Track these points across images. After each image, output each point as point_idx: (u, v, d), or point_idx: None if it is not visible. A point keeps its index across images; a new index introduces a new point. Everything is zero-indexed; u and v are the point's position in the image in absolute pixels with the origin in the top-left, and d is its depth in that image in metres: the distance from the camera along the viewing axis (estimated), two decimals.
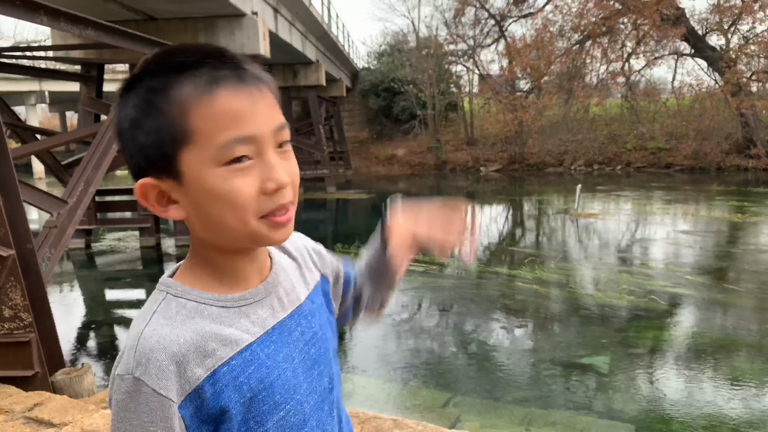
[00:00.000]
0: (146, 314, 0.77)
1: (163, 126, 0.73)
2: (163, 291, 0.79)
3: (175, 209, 0.78)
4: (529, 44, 28.34)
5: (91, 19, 6.49)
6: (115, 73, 30.88)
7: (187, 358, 0.73)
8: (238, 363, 0.77)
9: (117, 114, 0.78)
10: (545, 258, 9.85)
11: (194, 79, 0.73)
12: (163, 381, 0.72)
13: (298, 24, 17.34)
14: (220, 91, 0.73)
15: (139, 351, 0.73)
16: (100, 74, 11.95)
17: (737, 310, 6.92)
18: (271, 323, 0.83)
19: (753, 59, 26.14)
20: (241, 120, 0.73)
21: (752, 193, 18.28)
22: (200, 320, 0.77)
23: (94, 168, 6.21)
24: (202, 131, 0.72)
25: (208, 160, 0.73)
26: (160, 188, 0.76)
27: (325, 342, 0.92)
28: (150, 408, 0.71)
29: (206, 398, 0.74)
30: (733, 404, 4.55)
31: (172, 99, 0.73)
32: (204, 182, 0.74)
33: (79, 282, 9.97)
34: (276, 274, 0.88)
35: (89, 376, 4.28)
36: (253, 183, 0.74)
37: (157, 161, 0.75)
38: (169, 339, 0.74)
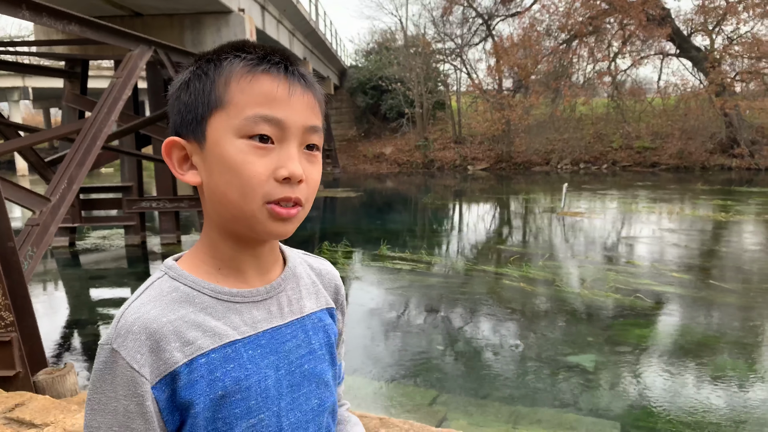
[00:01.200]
0: (140, 290, 0.79)
1: (205, 89, 0.78)
2: (162, 271, 0.81)
3: (192, 174, 0.81)
4: (516, 43, 28.46)
5: (75, 14, 6.40)
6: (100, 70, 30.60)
7: (166, 340, 0.73)
8: (218, 357, 0.76)
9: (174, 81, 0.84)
10: (532, 256, 9.89)
11: (245, 60, 0.78)
12: (138, 356, 0.72)
13: (286, 21, 17.26)
14: (263, 75, 0.77)
15: (121, 323, 0.74)
16: (85, 70, 11.82)
17: (721, 308, 7.00)
18: (263, 326, 0.81)
19: (737, 60, 26.46)
20: (274, 103, 0.77)
21: (736, 192, 18.49)
22: (189, 306, 0.77)
23: (78, 165, 6.12)
24: (236, 101, 0.76)
25: (233, 128, 0.76)
26: (185, 150, 0.80)
27: (322, 363, 0.88)
28: (124, 381, 0.72)
29: (180, 385, 0.74)
30: (717, 401, 4.59)
31: (220, 69, 0.78)
32: (222, 148, 0.76)
33: (63, 280, 9.85)
34: (284, 280, 0.87)
35: (72, 376, 4.23)
36: (267, 165, 0.76)
37: (190, 120, 0.79)
38: (152, 317, 0.74)
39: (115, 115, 6.65)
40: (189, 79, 0.80)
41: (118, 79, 6.93)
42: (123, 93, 6.79)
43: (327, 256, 9.64)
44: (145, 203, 11.77)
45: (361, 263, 9.91)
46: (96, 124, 6.43)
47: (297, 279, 0.89)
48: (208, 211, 0.82)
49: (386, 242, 10.76)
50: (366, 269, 9.47)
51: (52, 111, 47.30)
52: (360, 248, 11.12)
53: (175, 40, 10.91)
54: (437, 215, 16.27)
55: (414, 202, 19.53)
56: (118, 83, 6.85)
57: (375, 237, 11.80)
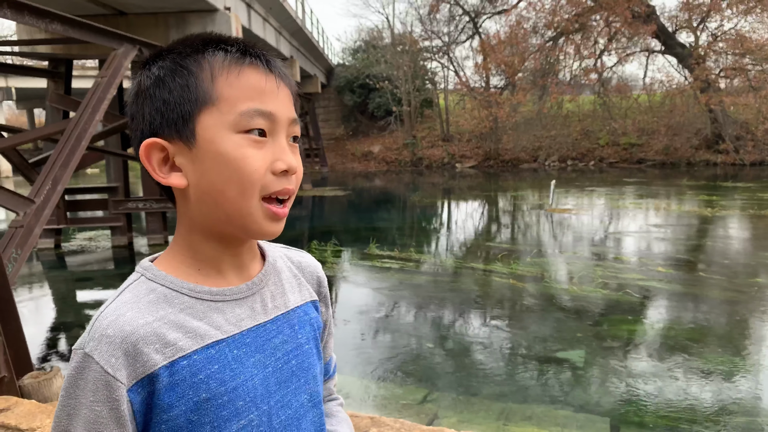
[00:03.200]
0: (115, 294, 0.76)
1: (189, 84, 0.74)
2: (138, 273, 0.78)
3: (177, 176, 0.76)
4: (503, 41, 28.53)
5: (58, 13, 6.32)
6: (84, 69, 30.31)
7: (144, 342, 0.71)
8: (201, 359, 0.73)
9: (137, 78, 0.78)
10: (521, 253, 9.92)
11: (227, 52, 0.76)
12: (112, 359, 0.70)
13: (272, 19, 17.18)
14: (249, 68, 0.76)
15: (95, 327, 0.72)
16: (69, 70, 11.70)
17: (708, 302, 7.06)
18: (247, 324, 0.79)
19: (721, 56, 26.72)
20: (265, 96, 0.76)
21: (721, 187, 18.67)
22: (167, 307, 0.74)
23: (63, 166, 6.05)
24: (227, 97, 0.74)
25: (227, 125, 0.74)
26: (167, 151, 0.76)
27: (310, 357, 0.86)
28: (96, 386, 0.69)
29: (159, 387, 0.71)
30: (706, 394, 4.63)
31: (202, 63, 0.75)
32: (218, 146, 0.74)
33: (49, 283, 9.74)
34: (265, 276, 0.84)
35: (58, 379, 4.17)
36: (265, 158, 0.75)
37: (175, 119, 0.74)
38: (127, 319, 0.72)
39: (99, 115, 6.58)
40: (163, 75, 0.75)
41: (103, 78, 6.86)
42: (108, 93, 6.72)
43: (316, 255, 9.60)
44: (131, 204, 11.66)
45: (350, 262, 9.89)
46: (80, 124, 6.36)
47: (278, 273, 0.87)
48: (192, 213, 0.78)
49: (375, 241, 10.74)
50: (355, 268, 9.45)
51: (36, 111, 46.80)
52: (349, 247, 11.10)
53: (160, 39, 10.81)
54: (426, 213, 16.28)
55: (402, 200, 19.53)
56: (102, 83, 6.78)
57: (364, 236, 11.78)
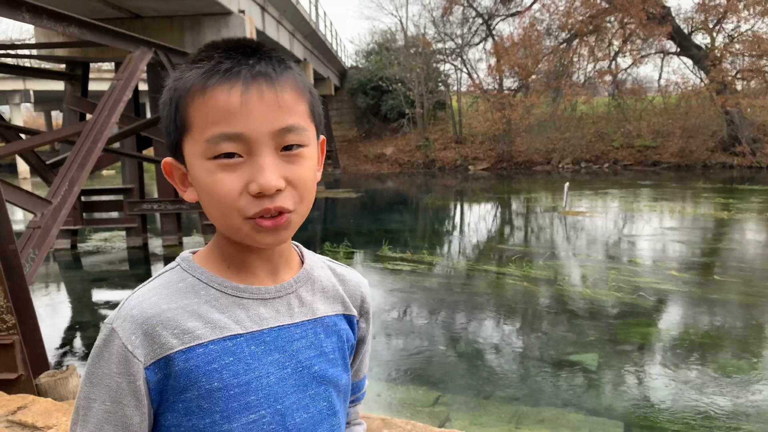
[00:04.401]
0: (151, 278, 0.82)
1: (171, 114, 0.78)
2: (176, 262, 0.84)
3: (191, 191, 0.81)
4: (516, 43, 28.44)
5: (75, 16, 6.41)
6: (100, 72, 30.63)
7: (162, 325, 0.75)
8: (216, 349, 0.76)
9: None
10: (534, 255, 9.88)
11: (198, 71, 0.75)
12: (133, 337, 0.74)
13: (286, 22, 17.27)
14: (215, 86, 0.73)
15: (124, 306, 0.77)
16: (85, 73, 11.83)
17: (724, 306, 6.98)
18: (269, 324, 0.81)
19: (738, 57, 26.42)
20: (232, 117, 0.72)
21: (737, 190, 18.45)
22: (193, 297, 0.78)
23: (79, 167, 6.12)
24: (197, 124, 0.75)
25: (199, 151, 0.75)
26: (181, 169, 0.81)
27: (335, 367, 0.87)
28: (118, 359, 0.74)
29: (174, 371, 0.75)
30: (720, 399, 4.58)
31: (181, 88, 0.76)
32: (194, 172, 0.77)
33: (65, 283, 9.86)
34: (296, 282, 0.86)
35: (74, 378, 4.23)
36: (237, 181, 0.74)
37: (170, 145, 0.80)
38: (151, 303, 0.76)
39: (115, 117, 6.65)
40: (162, 100, 0.80)
41: (119, 81, 6.94)
42: (123, 95, 6.79)
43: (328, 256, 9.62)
44: (146, 205, 11.77)
45: (363, 264, 9.91)
46: (97, 126, 6.43)
47: (312, 282, 0.88)
48: None
49: (387, 243, 10.75)
50: (367, 270, 9.46)
51: (53, 113, 47.35)
52: (361, 249, 11.11)
53: (175, 42, 10.91)
54: (438, 215, 16.26)
55: (415, 202, 19.52)
56: (118, 85, 6.86)
57: (376, 237, 11.80)
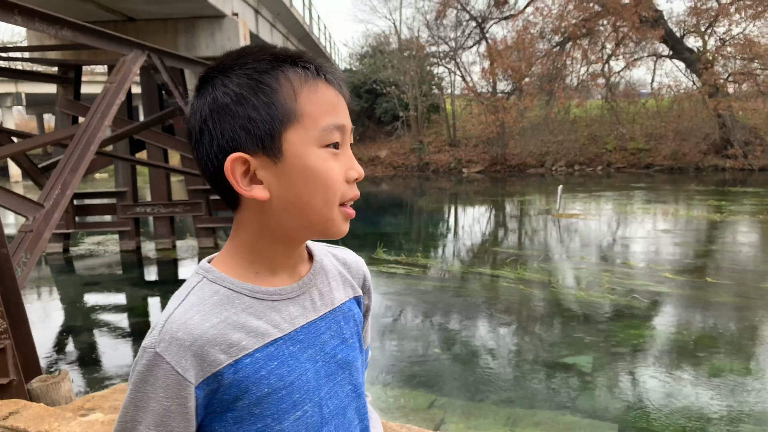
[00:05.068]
0: (181, 295, 0.80)
1: (274, 102, 0.78)
2: (200, 275, 0.82)
3: (259, 189, 0.79)
4: (510, 46, 28.50)
5: (68, 19, 6.38)
6: (93, 75, 30.50)
7: (210, 344, 0.76)
8: (262, 356, 0.79)
9: (210, 93, 0.79)
10: (528, 258, 9.90)
11: (304, 68, 0.80)
12: (183, 361, 0.74)
13: (280, 25, 17.26)
14: (322, 83, 0.81)
15: (165, 328, 0.76)
16: (78, 76, 11.79)
17: (717, 308, 7.01)
18: (300, 322, 0.84)
19: (729, 61, 26.58)
20: (337, 110, 0.81)
21: (730, 192, 18.55)
22: (231, 308, 0.79)
23: (72, 171, 6.09)
24: (309, 113, 0.79)
25: (312, 140, 0.79)
26: (249, 165, 0.79)
27: (353, 351, 0.92)
28: (167, 383, 0.74)
29: (224, 384, 0.77)
30: (714, 401, 4.59)
31: (282, 81, 0.79)
32: (306, 160, 0.78)
33: (57, 287, 9.80)
34: (313, 275, 0.90)
35: (66, 383, 4.19)
36: (341, 169, 0.81)
37: (262, 136, 0.78)
38: (195, 323, 0.76)
39: (108, 120, 6.62)
40: (245, 93, 0.78)
41: (112, 84, 6.91)
42: (117, 98, 6.76)
43: None
44: (139, 209, 11.72)
45: None
46: (90, 129, 6.40)
47: (325, 272, 0.93)
48: (269, 222, 0.81)
49: (382, 245, 10.74)
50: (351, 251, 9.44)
51: (46, 117, 47.11)
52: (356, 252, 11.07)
53: (168, 45, 10.88)
54: (433, 218, 16.27)
55: (409, 205, 19.52)
56: (111, 88, 6.83)
57: (371, 240, 11.79)
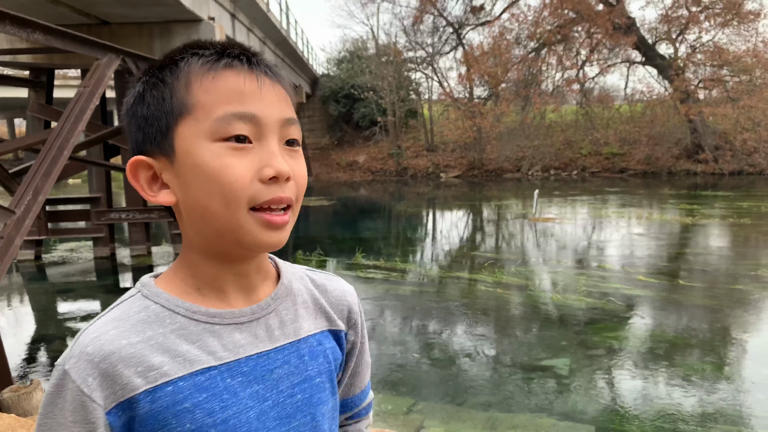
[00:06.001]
0: (108, 308, 0.73)
1: (164, 96, 0.71)
2: (136, 288, 0.75)
3: (165, 194, 0.73)
4: (486, 52, 28.83)
5: (40, 22, 6.27)
6: (66, 79, 30.07)
7: (124, 363, 0.67)
8: (187, 386, 0.68)
9: (126, 96, 0.76)
10: (505, 262, 9.97)
11: (203, 57, 0.71)
12: (89, 379, 0.66)
13: (257, 30, 17.19)
14: (226, 70, 0.71)
15: (77, 343, 0.69)
16: (50, 80, 11.60)
17: (690, 310, 7.14)
18: (247, 352, 0.73)
19: (700, 67, 27.21)
20: (245, 98, 0.70)
21: (701, 196, 18.93)
22: (158, 328, 0.70)
23: (44, 176, 5.98)
24: (202, 103, 0.70)
25: (204, 133, 0.69)
26: (153, 169, 0.73)
27: (320, 392, 0.79)
28: (74, 406, 0.66)
29: (141, 414, 0.67)
30: (688, 401, 4.67)
31: (178, 73, 0.71)
32: (195, 157, 0.69)
33: (29, 295, 9.60)
34: (275, 300, 0.78)
35: (38, 393, 4.11)
36: (249, 166, 0.69)
37: (154, 134, 0.71)
38: (109, 338, 0.68)
39: (82, 124, 6.52)
40: (143, 89, 0.73)
41: (86, 88, 6.81)
42: (90, 102, 6.67)
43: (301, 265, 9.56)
44: (114, 214, 11.55)
45: (336, 272, 9.85)
46: (62, 134, 6.30)
47: (293, 297, 0.81)
48: (187, 231, 0.74)
49: (361, 250, 10.73)
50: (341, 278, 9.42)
51: (17, 121, 46.27)
52: (334, 257, 11.07)
53: (143, 49, 10.76)
54: (411, 222, 16.30)
55: (388, 209, 19.54)
56: (85, 92, 6.73)
57: (349, 245, 11.77)
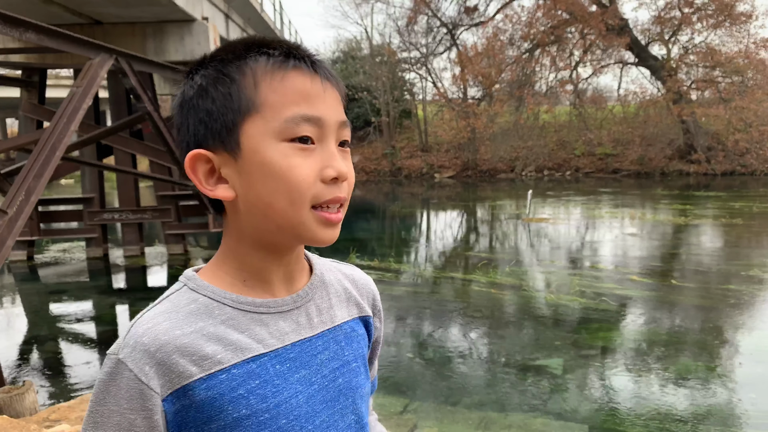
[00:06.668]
0: (157, 301, 0.74)
1: (232, 93, 0.72)
2: (181, 282, 0.76)
3: (223, 189, 0.74)
4: (480, 52, 28.85)
5: (32, 21, 6.24)
6: (58, 79, 29.91)
7: (180, 352, 0.69)
8: (240, 373, 0.71)
9: (181, 88, 0.76)
10: (499, 262, 9.99)
11: (270, 57, 0.73)
12: (146, 368, 0.68)
13: (250, 30, 17.17)
14: (294, 71, 0.73)
15: (130, 333, 0.70)
16: (43, 79, 11.54)
17: (683, 309, 7.17)
18: (292, 339, 0.76)
19: (692, 68, 27.32)
20: (312, 100, 0.72)
21: (694, 196, 19.03)
22: (208, 319, 0.72)
23: (36, 176, 5.95)
24: (271, 103, 0.71)
25: (272, 132, 0.71)
26: (212, 163, 0.74)
27: (358, 376, 0.83)
28: (130, 394, 0.67)
29: (196, 400, 0.69)
30: (681, 400, 4.69)
31: (244, 70, 0.72)
32: (263, 155, 0.71)
33: (21, 296, 9.55)
34: (311, 289, 0.82)
35: (31, 394, 4.09)
36: (313, 166, 0.72)
37: (219, 129, 0.72)
38: (163, 329, 0.70)
39: (75, 125, 6.49)
40: (206, 83, 0.73)
41: (78, 88, 6.78)
42: (83, 102, 6.64)
43: None
44: (107, 215, 11.51)
45: None
46: (55, 134, 6.27)
47: (326, 287, 0.85)
48: (241, 225, 0.76)
49: (355, 251, 10.73)
50: None
51: (9, 121, 45.97)
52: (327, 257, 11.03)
53: (136, 49, 10.72)
54: (405, 223, 16.32)
55: (382, 210, 19.55)
56: (78, 92, 6.70)
57: (343, 246, 11.76)
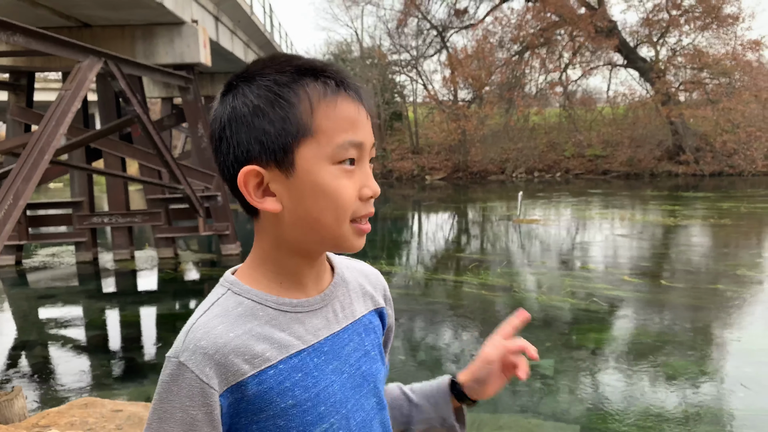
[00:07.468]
0: (206, 306, 0.81)
1: (290, 117, 0.78)
2: (224, 287, 0.83)
3: (271, 201, 0.80)
4: (470, 55, 28.94)
5: (20, 24, 6.20)
6: (46, 82, 29.67)
7: (234, 353, 0.76)
8: (286, 368, 0.79)
9: (228, 101, 0.81)
10: (490, 263, 10.02)
11: (324, 83, 0.80)
12: (206, 369, 0.75)
13: (240, 32, 17.13)
14: (343, 98, 0.80)
15: (189, 337, 0.77)
16: (31, 83, 11.47)
17: (672, 309, 7.22)
18: (324, 334, 0.85)
19: (680, 70, 27.54)
20: (357, 126, 0.81)
21: (682, 197, 19.17)
22: (254, 320, 0.80)
23: (24, 180, 5.90)
24: (325, 129, 0.78)
25: (324, 156, 0.78)
26: (260, 177, 0.80)
27: (376, 363, 0.93)
28: (191, 392, 0.75)
29: (248, 395, 0.77)
30: (671, 400, 4.72)
31: (301, 95, 0.78)
32: (316, 176, 0.79)
33: (9, 301, 9.46)
34: (335, 287, 0.90)
35: (20, 399, 4.05)
36: (354, 186, 0.80)
37: (275, 149, 0.78)
38: (219, 332, 0.77)
39: (63, 128, 6.46)
40: (263, 105, 0.78)
41: (67, 91, 6.74)
42: (72, 105, 6.60)
43: None
44: (96, 219, 11.43)
45: None
46: (43, 137, 6.23)
47: (346, 284, 0.93)
48: (283, 233, 0.82)
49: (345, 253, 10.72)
50: None
51: None
52: None
53: (126, 52, 10.67)
54: (396, 225, 16.33)
55: None
56: (66, 95, 6.66)
57: None
